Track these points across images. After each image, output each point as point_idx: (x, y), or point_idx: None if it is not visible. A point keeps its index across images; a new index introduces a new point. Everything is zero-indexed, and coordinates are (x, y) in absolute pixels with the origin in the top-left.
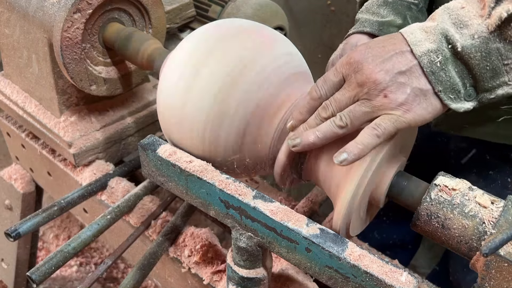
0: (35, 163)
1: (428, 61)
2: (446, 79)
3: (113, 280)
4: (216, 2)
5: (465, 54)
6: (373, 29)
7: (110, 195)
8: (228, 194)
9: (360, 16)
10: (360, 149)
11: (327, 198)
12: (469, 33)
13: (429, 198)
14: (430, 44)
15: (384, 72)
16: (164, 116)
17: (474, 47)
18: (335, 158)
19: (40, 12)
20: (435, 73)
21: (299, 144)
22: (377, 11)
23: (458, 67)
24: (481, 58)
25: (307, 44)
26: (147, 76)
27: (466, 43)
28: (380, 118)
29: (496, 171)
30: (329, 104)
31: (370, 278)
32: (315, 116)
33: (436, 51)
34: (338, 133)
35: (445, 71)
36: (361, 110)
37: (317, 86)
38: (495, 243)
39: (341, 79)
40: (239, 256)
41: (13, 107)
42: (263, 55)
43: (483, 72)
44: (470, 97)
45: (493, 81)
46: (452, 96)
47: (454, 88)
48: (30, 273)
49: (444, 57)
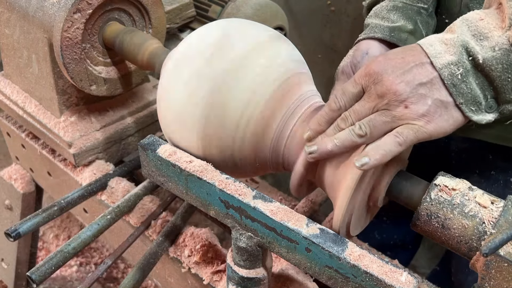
0: (35, 163)
1: (449, 73)
2: (467, 91)
3: (113, 280)
4: (216, 2)
5: (486, 66)
6: (384, 34)
7: (110, 195)
8: (228, 194)
9: (370, 21)
10: (381, 155)
11: (327, 198)
12: (490, 45)
13: (429, 198)
14: (450, 57)
15: (405, 83)
16: (164, 116)
17: (495, 59)
18: (356, 162)
19: (40, 12)
20: (456, 86)
21: (315, 152)
22: (387, 16)
23: (479, 79)
24: (503, 70)
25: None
26: (147, 76)
27: (487, 55)
28: (402, 127)
29: (499, 171)
30: (348, 115)
31: (370, 278)
32: (334, 127)
33: (457, 63)
34: (356, 142)
35: (466, 83)
36: (381, 119)
37: (336, 97)
38: (495, 243)
39: (360, 91)
40: (239, 256)
41: (13, 107)
42: (262, 56)
43: (504, 84)
44: (491, 108)
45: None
46: (473, 108)
47: (476, 100)
48: (30, 273)
49: (465, 69)
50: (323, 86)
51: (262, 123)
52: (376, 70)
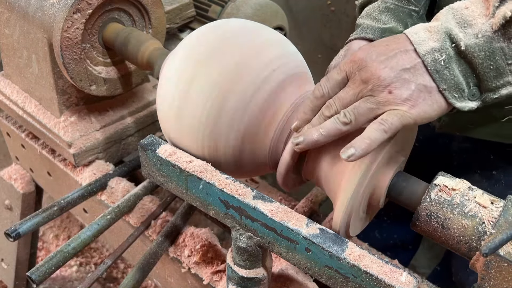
0: (35, 163)
1: (432, 59)
2: (450, 78)
3: (113, 280)
4: (216, 2)
5: (468, 53)
6: (375, 35)
7: (110, 195)
8: (228, 194)
9: (362, 21)
10: (367, 144)
11: (327, 198)
12: (473, 32)
13: (429, 198)
14: (433, 43)
15: (389, 68)
16: (164, 116)
17: (477, 46)
18: (342, 154)
19: (40, 12)
20: (439, 72)
21: (302, 142)
22: (378, 17)
23: (461, 66)
24: (485, 57)
25: (307, 44)
26: (147, 76)
27: (469, 42)
28: (386, 113)
29: (500, 171)
30: (332, 102)
31: (370, 278)
32: (319, 115)
33: (440, 50)
34: (342, 130)
35: (449, 69)
36: (365, 106)
37: (320, 85)
38: (495, 243)
39: (344, 77)
40: (239, 256)
41: (13, 107)
42: (262, 56)
43: (486, 71)
44: (474, 96)
45: (496, 80)
46: (456, 95)
47: (458, 87)
48: (30, 273)
49: (448, 55)
50: None
51: (262, 123)
52: (360, 56)
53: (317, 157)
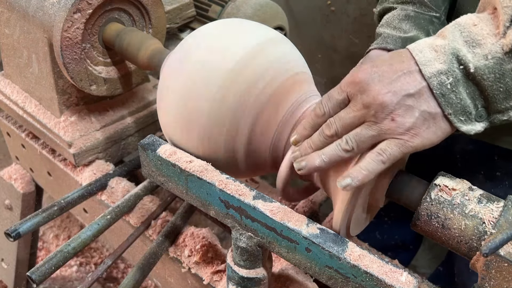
0: (35, 163)
1: (438, 82)
2: (457, 102)
3: (113, 280)
4: (216, 2)
5: (477, 75)
6: (397, 46)
7: (110, 195)
8: (228, 194)
9: (382, 30)
10: (364, 175)
11: (327, 198)
12: (482, 53)
13: (429, 198)
14: (440, 65)
15: (392, 94)
16: (164, 116)
17: (487, 68)
18: (339, 183)
19: (40, 12)
20: (445, 96)
21: (304, 168)
22: (399, 25)
23: (469, 88)
24: (495, 79)
25: (307, 44)
26: (147, 76)
27: (479, 64)
28: (386, 142)
29: (504, 172)
30: (333, 122)
31: (370, 278)
32: (319, 133)
33: (447, 73)
34: (343, 156)
35: (456, 93)
36: (367, 134)
37: (321, 103)
38: (495, 243)
39: (345, 98)
40: (239, 256)
41: (13, 107)
42: (262, 56)
43: (496, 93)
44: (481, 118)
45: (506, 102)
46: (462, 118)
47: (465, 110)
48: (30, 273)
49: (455, 78)
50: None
51: (262, 122)
52: (362, 78)
53: None
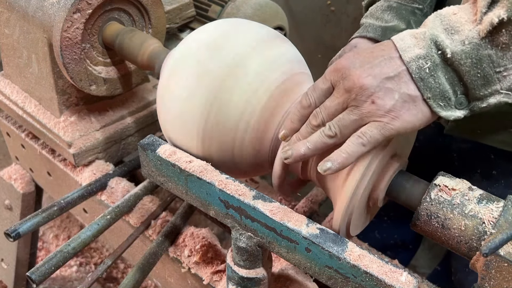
0: (35, 163)
1: (417, 67)
2: (436, 86)
3: (113, 280)
4: (216, 2)
5: (455, 60)
6: (377, 34)
7: (110, 195)
8: (228, 194)
9: (365, 20)
10: (344, 158)
11: (327, 198)
12: (460, 39)
13: (429, 198)
14: (419, 50)
15: (372, 77)
16: (164, 116)
17: (464, 53)
18: (319, 167)
19: (40, 12)
20: (424, 80)
21: (290, 156)
22: (381, 16)
23: (448, 73)
24: (472, 64)
25: (307, 44)
26: (147, 76)
27: (456, 49)
28: (367, 126)
29: (500, 171)
30: (319, 111)
31: (370, 278)
32: (306, 124)
33: (425, 57)
34: (328, 143)
35: (434, 77)
36: (349, 118)
37: (306, 94)
38: (495, 243)
39: (329, 87)
40: (239, 256)
41: (13, 107)
42: (262, 56)
43: (474, 79)
44: (462, 105)
45: (484, 89)
46: (442, 104)
47: (444, 96)
48: (30, 273)
49: (434, 63)
50: None
51: (262, 123)
52: (344, 65)
53: (317, 158)
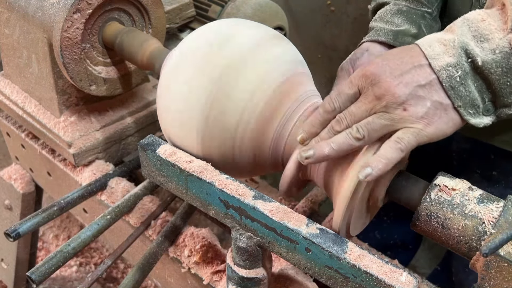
0: (35, 163)
1: (447, 75)
2: (466, 94)
3: (113, 280)
4: (216, 2)
5: (485, 69)
6: (388, 38)
7: (110, 195)
8: (227, 194)
9: (375, 24)
10: (384, 164)
11: (327, 198)
12: (490, 48)
13: (429, 198)
14: (449, 58)
15: (403, 85)
16: (163, 116)
17: (495, 62)
18: (360, 174)
19: (40, 12)
20: (455, 88)
21: (312, 156)
22: (391, 19)
23: (477, 81)
24: (502, 73)
25: (307, 44)
26: (147, 76)
27: (486, 58)
28: (402, 131)
29: (499, 171)
30: (343, 117)
31: (370, 278)
32: (328, 129)
33: (456, 66)
34: (354, 145)
35: (465, 86)
36: (379, 122)
37: (330, 98)
38: (495, 243)
39: (356, 92)
40: (239, 256)
41: (12, 107)
42: (263, 55)
43: (503, 87)
44: (489, 112)
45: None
46: (471, 111)
47: (474, 103)
48: (30, 273)
49: (464, 71)
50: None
51: (262, 123)
52: (373, 71)
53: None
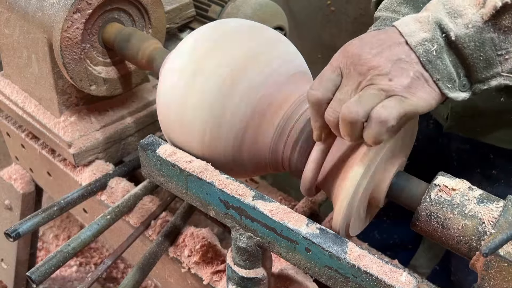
0: (35, 163)
1: (424, 50)
2: (443, 68)
3: (113, 280)
4: (216, 2)
5: (458, 43)
6: None
7: (110, 195)
8: (228, 194)
9: (380, 14)
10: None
11: (327, 198)
12: (463, 23)
13: (429, 198)
14: (424, 34)
15: (385, 59)
16: (164, 116)
17: (467, 37)
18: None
19: (40, 12)
20: (432, 62)
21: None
22: (398, 9)
23: (451, 56)
24: (475, 48)
25: (307, 44)
26: (147, 76)
27: (459, 33)
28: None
29: (499, 171)
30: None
31: (370, 278)
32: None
33: (431, 40)
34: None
35: (441, 59)
36: (368, 93)
37: (312, 89)
38: (495, 243)
39: (338, 74)
40: (239, 256)
41: (12, 107)
42: (263, 56)
43: (476, 62)
44: (465, 87)
45: (486, 71)
46: (449, 85)
47: (451, 77)
48: (30, 273)
49: (439, 45)
50: None
51: (262, 123)
52: (353, 51)
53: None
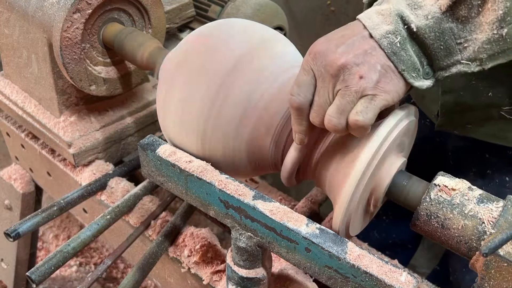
0: (34, 163)
1: (388, 42)
2: (407, 58)
3: (113, 280)
4: (215, 2)
5: (420, 34)
6: None
7: (110, 195)
8: (227, 194)
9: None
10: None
11: (327, 198)
12: (423, 14)
13: (429, 198)
14: (387, 26)
15: (352, 55)
16: (163, 116)
17: (428, 27)
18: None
19: (40, 12)
20: (397, 53)
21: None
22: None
23: (414, 46)
24: (435, 37)
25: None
26: (147, 76)
27: (420, 24)
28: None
29: (494, 170)
30: (315, 114)
31: (370, 278)
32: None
33: (394, 32)
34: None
35: (405, 50)
36: (345, 101)
37: (292, 95)
38: (495, 243)
39: (312, 76)
40: (238, 256)
41: (12, 107)
42: (262, 55)
43: (437, 51)
44: (428, 75)
45: (447, 59)
46: (414, 75)
47: (415, 67)
48: (30, 273)
49: (402, 37)
50: None
51: (262, 122)
52: (319, 50)
53: (317, 158)
